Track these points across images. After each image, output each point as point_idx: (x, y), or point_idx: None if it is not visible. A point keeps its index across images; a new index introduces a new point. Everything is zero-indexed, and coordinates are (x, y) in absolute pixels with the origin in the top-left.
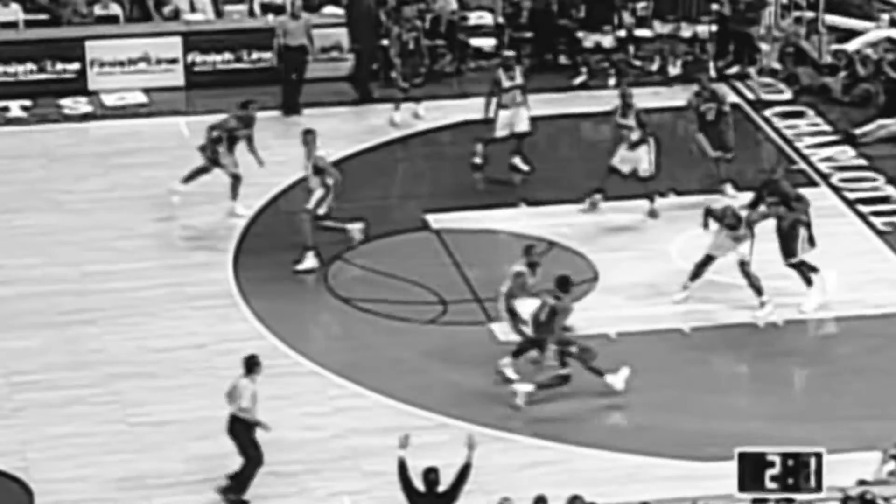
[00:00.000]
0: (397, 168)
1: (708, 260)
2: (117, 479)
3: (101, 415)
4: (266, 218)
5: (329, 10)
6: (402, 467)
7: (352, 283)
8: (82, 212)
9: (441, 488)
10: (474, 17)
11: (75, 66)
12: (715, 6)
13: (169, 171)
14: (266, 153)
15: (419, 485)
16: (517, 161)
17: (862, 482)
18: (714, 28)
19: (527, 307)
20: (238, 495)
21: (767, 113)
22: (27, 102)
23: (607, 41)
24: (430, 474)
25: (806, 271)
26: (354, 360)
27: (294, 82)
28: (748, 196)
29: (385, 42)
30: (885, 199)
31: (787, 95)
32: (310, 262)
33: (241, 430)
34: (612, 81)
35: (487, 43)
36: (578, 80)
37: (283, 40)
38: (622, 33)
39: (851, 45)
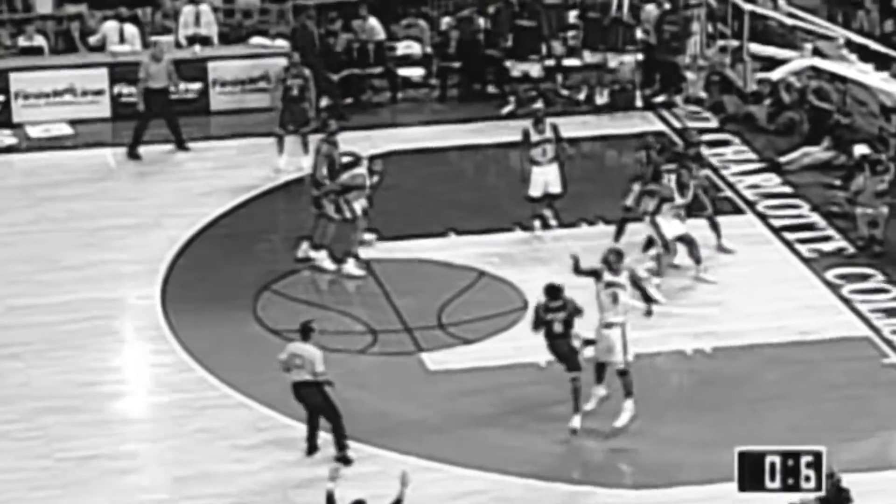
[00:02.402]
0: None
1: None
2: None
3: (26, 450)
4: (194, 249)
5: (256, 40)
6: (330, 500)
7: (282, 313)
8: (6, 245)
9: None
10: (402, 47)
11: None
12: (641, 35)
13: (95, 203)
14: (193, 184)
15: None
16: (548, 213)
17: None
18: (640, 57)
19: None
20: (343, 452)
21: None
22: None
23: (535, 70)
24: None
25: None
26: (283, 392)
27: (169, 124)
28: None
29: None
30: (810, 227)
31: (713, 124)
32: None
33: (314, 392)
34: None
35: (416, 73)
36: (506, 110)
37: (146, 83)
38: (550, 62)
39: (776, 74)
